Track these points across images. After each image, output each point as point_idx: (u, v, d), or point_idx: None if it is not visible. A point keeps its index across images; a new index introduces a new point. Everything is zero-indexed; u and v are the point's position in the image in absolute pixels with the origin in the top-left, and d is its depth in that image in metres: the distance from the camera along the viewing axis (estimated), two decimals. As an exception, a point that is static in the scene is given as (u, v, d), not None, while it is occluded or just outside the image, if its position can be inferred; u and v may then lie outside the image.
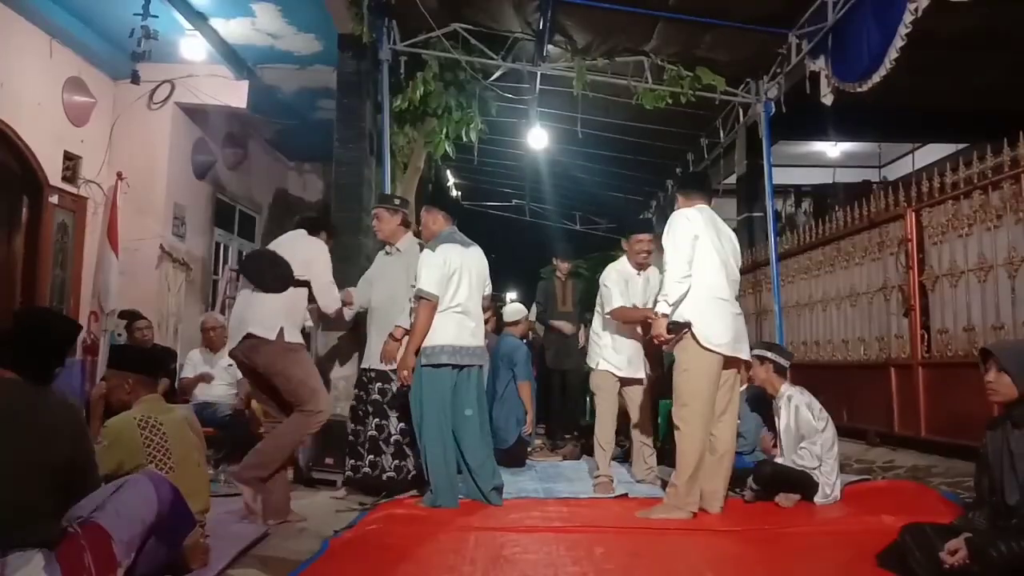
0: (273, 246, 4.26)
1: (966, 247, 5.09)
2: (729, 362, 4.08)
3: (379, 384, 4.73)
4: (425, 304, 4.12)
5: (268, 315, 3.89)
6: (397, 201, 5.06)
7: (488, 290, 4.76)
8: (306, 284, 4.12)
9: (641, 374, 5.16)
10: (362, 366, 4.92)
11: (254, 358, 3.89)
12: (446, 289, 4.20)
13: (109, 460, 2.89)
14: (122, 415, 3.16)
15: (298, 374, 3.91)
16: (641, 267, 5.16)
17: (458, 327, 4.23)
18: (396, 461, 4.65)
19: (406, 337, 4.30)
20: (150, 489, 2.54)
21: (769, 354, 4.66)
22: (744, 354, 4.16)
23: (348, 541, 3.52)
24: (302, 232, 4.31)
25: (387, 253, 4.92)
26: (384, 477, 4.63)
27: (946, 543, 2.65)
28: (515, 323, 6.53)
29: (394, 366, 4.36)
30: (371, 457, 4.68)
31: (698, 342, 3.96)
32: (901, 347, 5.73)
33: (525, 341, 6.77)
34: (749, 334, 8.15)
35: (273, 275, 3.97)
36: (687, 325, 3.97)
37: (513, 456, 5.94)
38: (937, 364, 5.30)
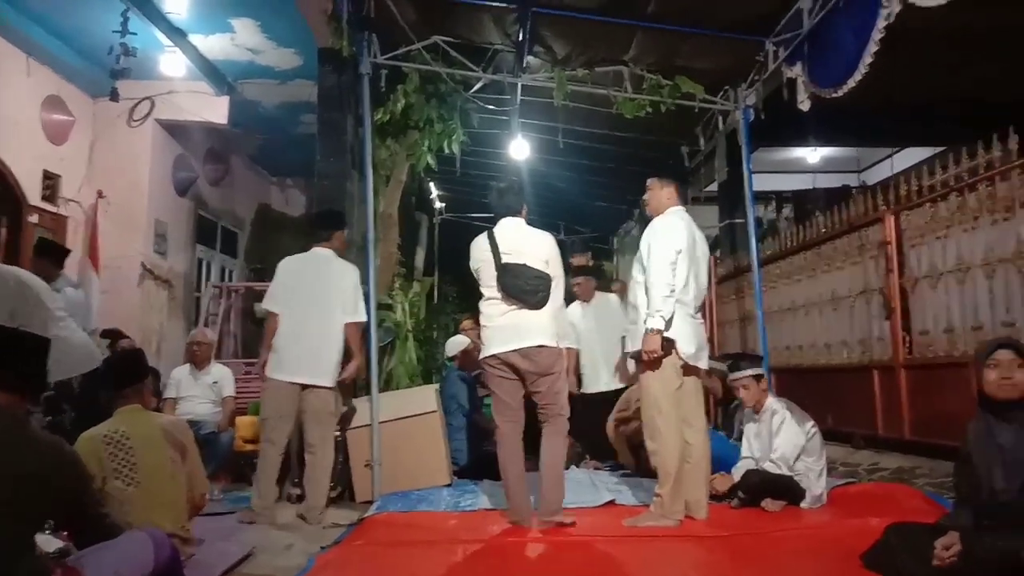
0: (509, 239, 4.22)
1: (944, 249, 5.13)
2: (688, 370, 4.17)
3: None
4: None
5: (551, 326, 4.11)
6: None
7: None
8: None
9: None
10: None
11: (539, 360, 4.07)
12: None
13: None
14: (89, 431, 3.20)
15: (563, 375, 4.24)
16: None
17: None
18: None
19: None
20: (148, 548, 2.46)
21: (748, 372, 4.61)
22: (702, 363, 4.27)
23: (334, 557, 3.50)
24: (520, 221, 4.38)
25: None
26: None
27: (936, 540, 2.64)
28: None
29: None
30: None
31: (675, 352, 4.04)
32: (883, 349, 5.77)
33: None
34: (733, 340, 8.32)
35: (547, 294, 4.09)
36: (673, 341, 4.01)
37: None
38: (919, 366, 5.33)
